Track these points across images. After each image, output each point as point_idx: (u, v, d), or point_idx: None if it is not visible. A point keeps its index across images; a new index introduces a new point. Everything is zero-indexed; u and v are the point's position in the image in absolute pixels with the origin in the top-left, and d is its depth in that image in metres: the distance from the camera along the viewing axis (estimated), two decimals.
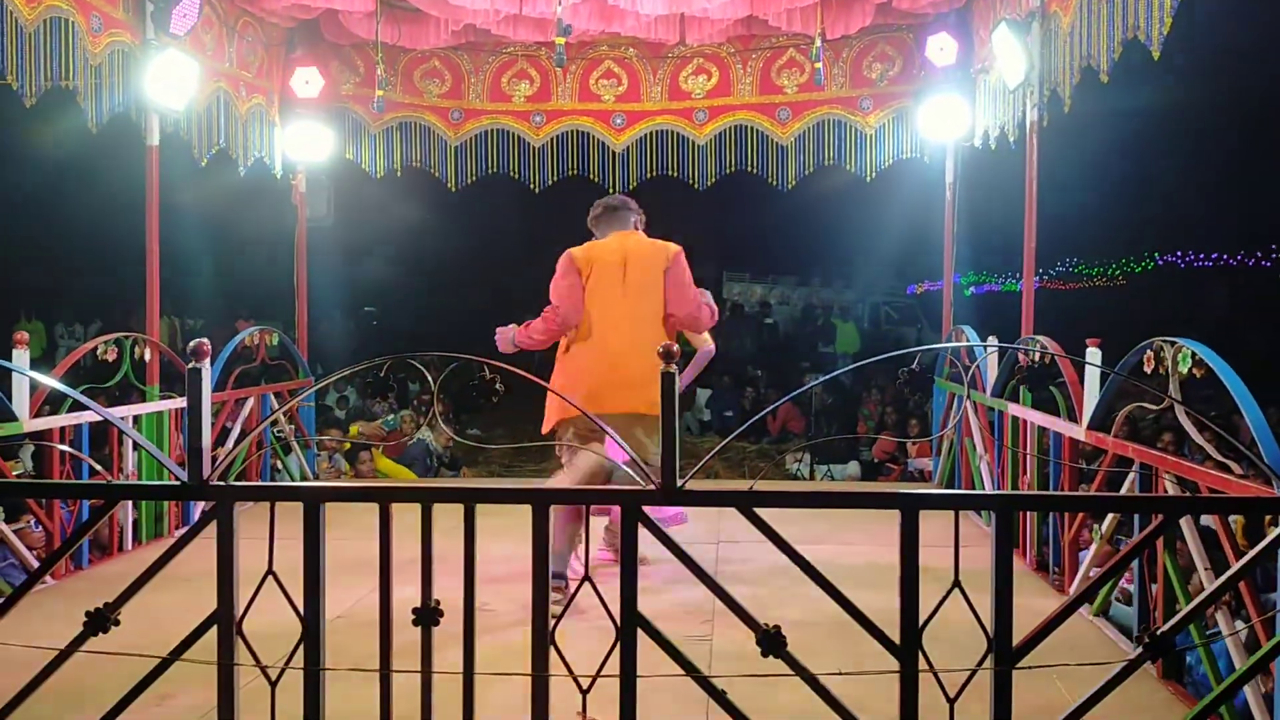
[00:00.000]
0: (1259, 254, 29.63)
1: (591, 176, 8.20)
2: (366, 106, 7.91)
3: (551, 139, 8.19)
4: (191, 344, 2.57)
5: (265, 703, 2.56)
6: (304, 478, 7.70)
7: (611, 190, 8.11)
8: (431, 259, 22.30)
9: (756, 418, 2.94)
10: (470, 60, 8.15)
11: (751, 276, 24.99)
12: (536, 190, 8.29)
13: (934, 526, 2.47)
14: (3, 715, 2.62)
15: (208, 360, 2.59)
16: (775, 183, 8.05)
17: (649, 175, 8.21)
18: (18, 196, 17.27)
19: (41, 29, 5.16)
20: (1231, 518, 4.18)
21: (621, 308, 4.65)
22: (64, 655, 2.59)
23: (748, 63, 8.00)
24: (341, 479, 9.00)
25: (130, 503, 5.69)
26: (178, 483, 2.58)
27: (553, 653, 2.51)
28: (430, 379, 2.66)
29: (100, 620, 2.54)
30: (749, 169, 8.09)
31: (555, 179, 8.28)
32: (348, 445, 9.41)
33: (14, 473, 6.34)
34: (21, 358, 4.87)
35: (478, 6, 6.64)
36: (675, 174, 8.18)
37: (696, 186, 8.12)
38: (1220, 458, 3.92)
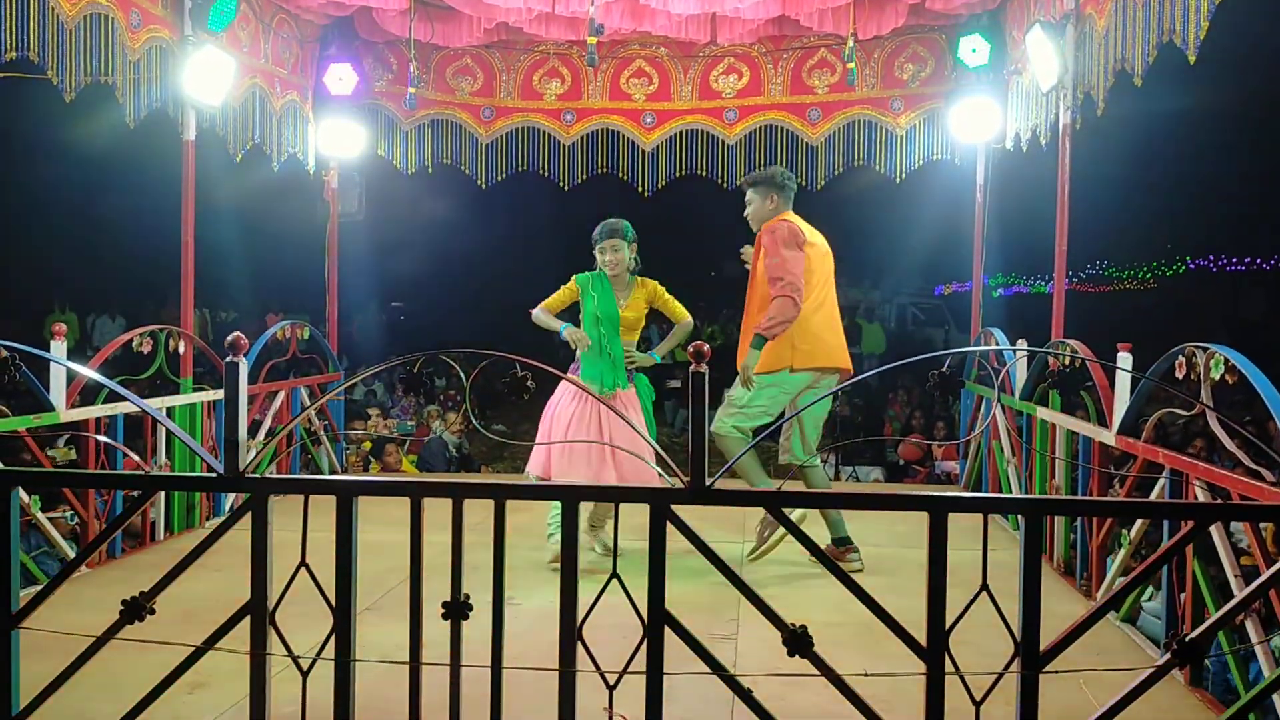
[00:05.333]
0: None
1: (621, 175, 8.22)
2: (399, 103, 7.96)
3: (582, 137, 8.21)
4: (229, 338, 2.61)
5: (296, 691, 2.60)
6: (332, 471, 7.76)
7: (641, 190, 8.14)
8: (461, 255, 22.39)
9: (785, 419, 2.95)
10: (502, 58, 8.19)
11: None
12: (566, 188, 8.31)
13: (959, 529, 2.48)
14: (39, 701, 2.67)
15: (245, 355, 2.62)
16: (805, 183, 8.00)
17: (679, 174, 8.21)
18: (56, 190, 17.48)
19: (82, 25, 5.23)
20: (1262, 525, 4.14)
21: (830, 284, 5.41)
22: (100, 642, 2.64)
23: (779, 63, 7.99)
24: (367, 473, 9.07)
25: (163, 493, 5.76)
26: (214, 474, 2.62)
27: (580, 648, 2.53)
28: (463, 375, 2.69)
29: (136, 609, 2.58)
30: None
31: (585, 177, 8.29)
32: (369, 445, 9.48)
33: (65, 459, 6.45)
34: (59, 349, 4.94)
35: (511, 5, 6.67)
36: (704, 173, 8.18)
37: (726, 186, 8.10)
38: (1252, 464, 3.88)
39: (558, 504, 5.22)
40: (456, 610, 2.55)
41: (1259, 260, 31.14)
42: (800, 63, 7.96)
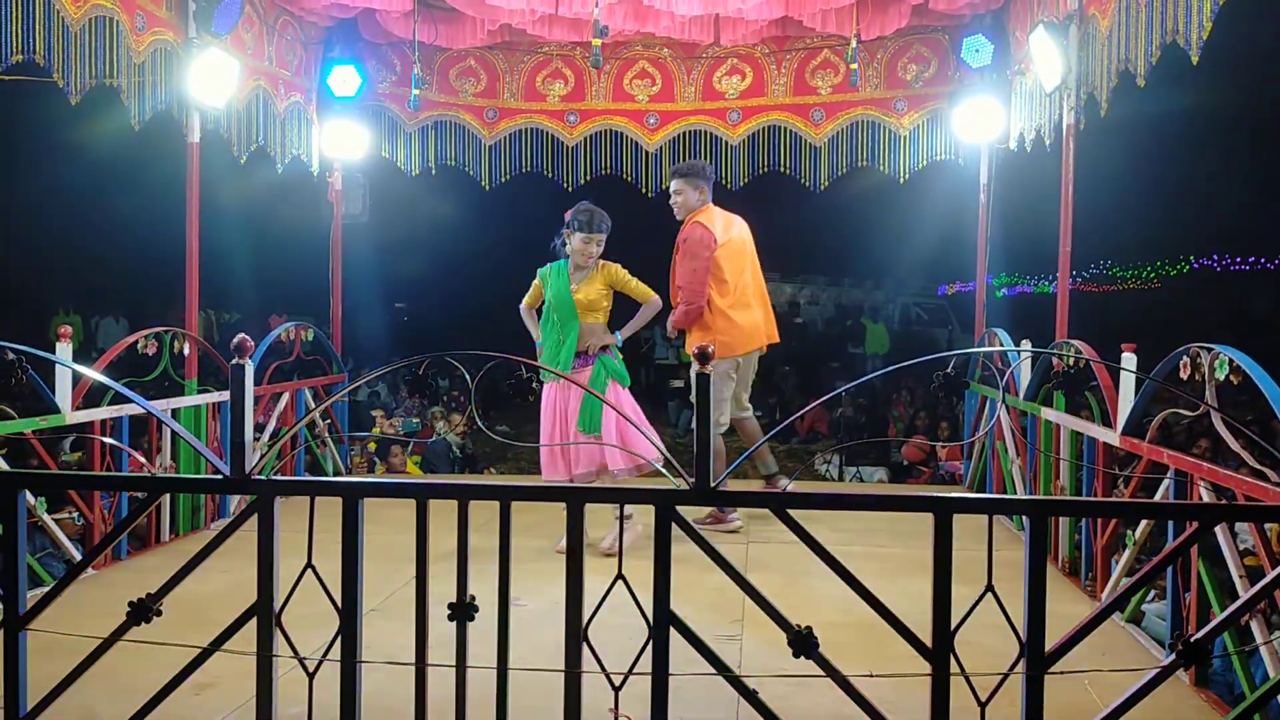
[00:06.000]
0: None
1: (625, 176, 8.22)
2: (402, 105, 7.97)
3: (585, 138, 8.22)
4: (235, 340, 2.61)
5: (302, 693, 2.61)
6: (338, 472, 7.77)
7: (645, 190, 8.14)
8: (464, 256, 22.40)
9: (791, 419, 2.95)
10: (506, 60, 8.20)
11: (781, 276, 24.79)
12: (570, 189, 8.29)
13: (963, 530, 2.48)
14: (46, 702, 2.68)
15: (250, 356, 2.63)
16: (808, 183, 8.02)
17: None
18: (60, 192, 17.51)
19: (87, 28, 5.24)
20: (1267, 525, 4.14)
21: (750, 270, 6.12)
22: (107, 644, 2.65)
23: (782, 63, 7.99)
24: (372, 474, 9.08)
25: (168, 495, 5.77)
26: (220, 476, 2.62)
27: (585, 649, 2.53)
28: (468, 377, 2.69)
29: (143, 610, 2.59)
30: (782, 170, 8.08)
31: (588, 178, 8.29)
32: (374, 445, 9.50)
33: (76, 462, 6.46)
34: (65, 351, 4.95)
35: (514, 6, 6.67)
36: None
37: (730, 187, 8.10)
38: (1256, 465, 3.88)
39: None
40: (462, 611, 2.55)
41: (1263, 260, 31.07)
42: (803, 63, 7.96)
